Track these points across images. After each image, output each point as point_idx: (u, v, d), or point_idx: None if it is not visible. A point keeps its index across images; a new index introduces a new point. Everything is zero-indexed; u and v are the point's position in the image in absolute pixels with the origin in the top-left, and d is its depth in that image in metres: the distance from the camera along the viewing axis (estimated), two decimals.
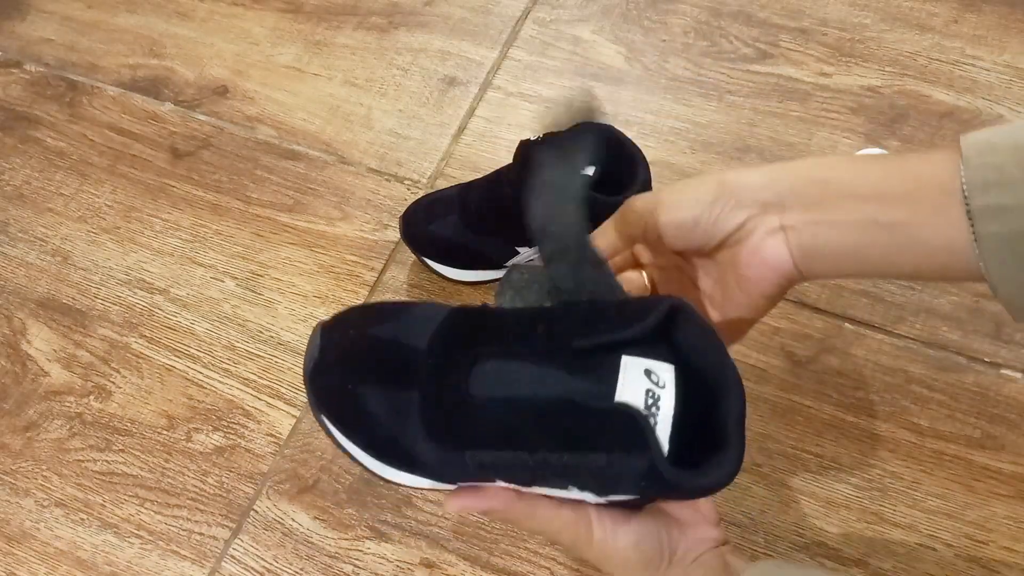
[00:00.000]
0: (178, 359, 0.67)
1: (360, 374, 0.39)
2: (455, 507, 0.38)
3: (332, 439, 0.40)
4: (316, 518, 0.60)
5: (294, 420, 0.64)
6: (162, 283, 0.71)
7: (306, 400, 0.42)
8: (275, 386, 0.65)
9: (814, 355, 0.63)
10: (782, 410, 0.61)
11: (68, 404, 0.66)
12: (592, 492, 0.35)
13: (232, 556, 0.59)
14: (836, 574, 0.54)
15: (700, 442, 0.34)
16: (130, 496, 0.62)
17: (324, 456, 0.62)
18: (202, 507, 0.61)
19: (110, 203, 0.76)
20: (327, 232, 0.72)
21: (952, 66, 0.76)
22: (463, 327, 0.38)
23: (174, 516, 0.61)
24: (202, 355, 0.67)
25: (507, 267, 0.65)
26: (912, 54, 0.77)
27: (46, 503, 0.62)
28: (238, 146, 0.78)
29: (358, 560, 0.58)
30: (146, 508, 0.61)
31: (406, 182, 0.75)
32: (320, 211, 0.74)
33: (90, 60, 0.86)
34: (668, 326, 0.35)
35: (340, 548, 0.59)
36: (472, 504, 0.38)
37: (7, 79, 0.85)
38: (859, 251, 0.36)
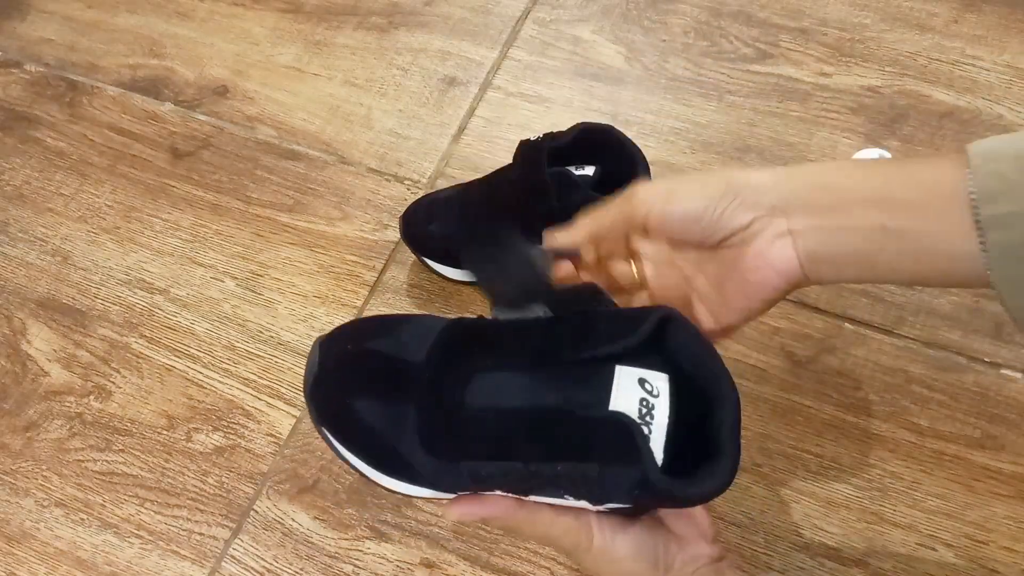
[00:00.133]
0: (178, 359, 0.67)
1: (359, 387, 0.40)
2: (455, 514, 0.38)
3: (335, 452, 0.40)
4: (316, 518, 0.60)
5: (294, 420, 0.64)
6: (162, 283, 0.71)
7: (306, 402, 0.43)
8: (275, 386, 0.65)
9: (814, 355, 0.63)
10: (782, 410, 0.61)
11: (68, 404, 0.66)
12: (587, 500, 0.35)
13: (232, 556, 0.59)
14: None
15: (694, 450, 0.34)
16: (130, 496, 0.62)
17: (324, 456, 0.62)
18: (202, 507, 0.61)
19: (110, 203, 0.76)
20: (327, 232, 0.72)
21: (952, 66, 0.76)
22: (459, 340, 0.39)
23: (174, 516, 0.61)
24: (202, 355, 0.67)
25: None
26: (912, 54, 0.77)
27: (46, 503, 0.62)
28: (238, 146, 0.78)
29: (358, 560, 0.58)
30: (146, 508, 0.61)
31: (406, 182, 0.75)
32: (320, 211, 0.74)
33: (90, 60, 0.86)
34: (660, 336, 0.36)
35: (340, 548, 0.59)
36: (472, 511, 0.38)
37: (7, 79, 0.85)
38: (866, 257, 0.36)
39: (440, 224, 0.65)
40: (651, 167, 0.59)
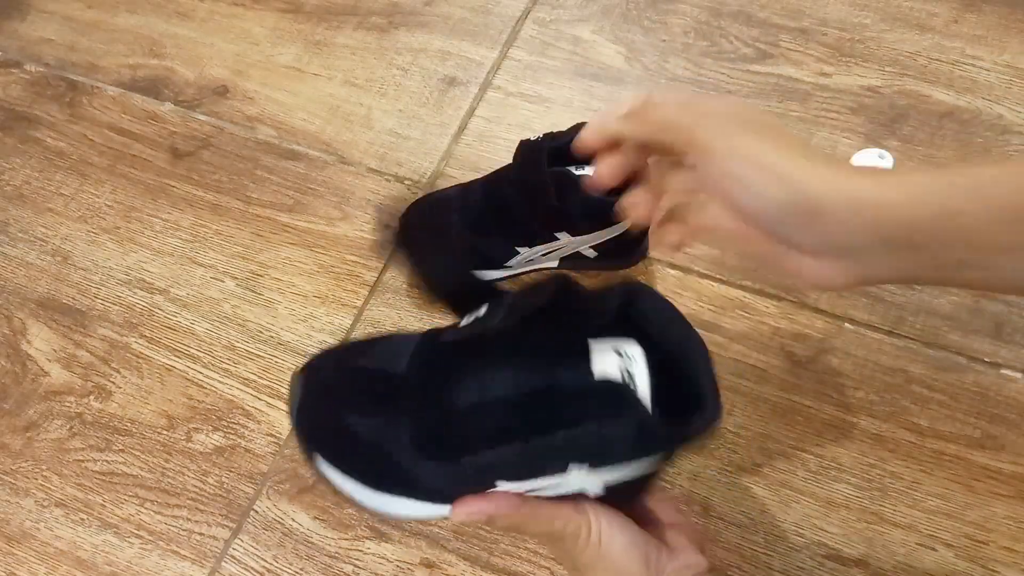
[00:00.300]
0: (178, 359, 0.67)
1: (347, 406, 0.40)
2: (460, 515, 0.38)
3: (328, 483, 0.40)
4: (316, 518, 0.60)
5: None
6: (162, 283, 0.71)
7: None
8: (275, 386, 0.65)
9: (814, 355, 0.63)
10: (782, 410, 0.61)
11: (68, 404, 0.66)
12: (588, 464, 0.36)
13: (232, 556, 0.59)
14: None
15: (679, 410, 0.35)
16: (130, 496, 0.62)
17: None
18: (202, 507, 0.61)
19: (110, 203, 0.76)
20: (327, 232, 0.72)
21: (952, 66, 0.76)
22: (437, 347, 0.40)
23: (174, 516, 0.61)
24: (202, 355, 0.67)
25: (507, 266, 0.65)
26: (912, 54, 0.77)
27: (46, 503, 0.62)
28: (238, 146, 0.78)
29: (358, 560, 0.58)
30: (146, 508, 0.61)
31: (406, 182, 0.75)
32: (320, 211, 0.74)
33: (90, 60, 0.86)
34: (628, 310, 0.37)
35: (340, 548, 0.59)
36: (476, 508, 0.38)
37: (7, 79, 0.85)
38: (930, 280, 0.33)
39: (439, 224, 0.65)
40: None
